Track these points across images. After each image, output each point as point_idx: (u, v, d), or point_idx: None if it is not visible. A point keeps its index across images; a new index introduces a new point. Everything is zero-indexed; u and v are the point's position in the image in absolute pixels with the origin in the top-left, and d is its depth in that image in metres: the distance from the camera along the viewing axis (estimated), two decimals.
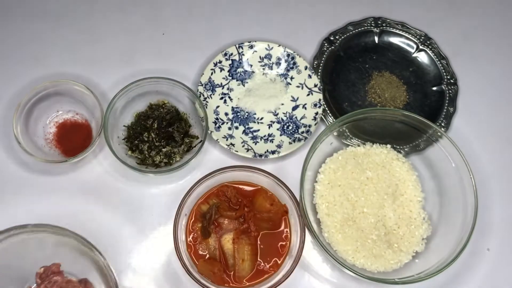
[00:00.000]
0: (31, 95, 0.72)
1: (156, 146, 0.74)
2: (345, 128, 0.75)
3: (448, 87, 0.83)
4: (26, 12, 0.87)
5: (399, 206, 0.70)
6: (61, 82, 0.74)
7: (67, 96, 0.76)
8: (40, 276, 0.53)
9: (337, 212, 0.69)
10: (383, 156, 0.74)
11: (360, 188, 0.71)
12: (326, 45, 0.85)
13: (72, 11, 0.87)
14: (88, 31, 0.86)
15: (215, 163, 0.76)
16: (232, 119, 0.80)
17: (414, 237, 0.69)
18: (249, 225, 0.68)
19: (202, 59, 0.84)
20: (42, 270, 0.54)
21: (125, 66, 0.83)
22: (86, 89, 0.73)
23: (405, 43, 0.87)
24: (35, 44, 0.84)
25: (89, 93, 0.73)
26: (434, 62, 0.85)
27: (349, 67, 0.85)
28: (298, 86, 0.81)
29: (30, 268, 0.54)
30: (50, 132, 0.76)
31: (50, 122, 0.77)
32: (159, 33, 0.87)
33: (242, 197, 0.71)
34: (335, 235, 0.68)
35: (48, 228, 0.51)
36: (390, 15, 0.88)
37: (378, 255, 0.67)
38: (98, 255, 0.51)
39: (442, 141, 0.71)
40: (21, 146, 0.69)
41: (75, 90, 0.74)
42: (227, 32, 0.87)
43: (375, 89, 0.83)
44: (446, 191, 0.72)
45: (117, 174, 0.75)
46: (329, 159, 0.74)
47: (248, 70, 0.83)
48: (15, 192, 0.73)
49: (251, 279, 0.67)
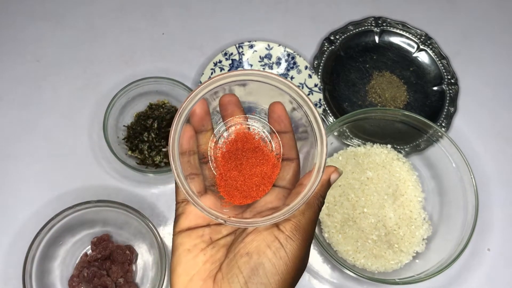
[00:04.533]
0: None
1: (156, 146, 0.74)
2: (346, 128, 0.74)
3: (449, 87, 0.83)
4: (26, 12, 0.87)
5: (399, 206, 0.70)
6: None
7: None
8: (94, 243, 0.67)
9: (337, 212, 0.69)
10: (383, 156, 0.74)
11: (360, 188, 0.71)
12: (326, 45, 0.85)
13: (72, 11, 0.87)
14: (88, 31, 0.86)
15: None
16: None
17: (415, 237, 0.69)
18: None
19: (202, 59, 0.84)
20: (95, 239, 0.67)
21: (125, 66, 0.83)
22: None
23: (405, 43, 0.87)
24: (35, 44, 0.84)
25: None
26: (435, 62, 0.85)
27: (350, 67, 0.85)
28: (298, 86, 0.81)
29: (87, 238, 0.69)
30: None
31: None
32: (159, 33, 0.87)
33: None
34: (335, 236, 0.68)
35: (106, 203, 0.65)
36: (391, 14, 0.88)
37: (378, 255, 0.67)
38: (146, 221, 0.64)
39: (442, 141, 0.71)
40: None
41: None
42: (227, 32, 0.87)
43: (375, 89, 0.83)
44: (446, 191, 0.72)
45: (117, 174, 0.75)
46: (329, 159, 0.74)
47: None
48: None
49: None
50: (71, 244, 0.68)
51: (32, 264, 0.62)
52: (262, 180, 0.40)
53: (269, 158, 0.41)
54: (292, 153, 0.41)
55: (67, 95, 0.80)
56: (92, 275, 0.64)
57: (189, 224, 0.39)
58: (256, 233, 0.36)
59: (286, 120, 0.41)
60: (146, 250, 0.69)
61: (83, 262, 0.67)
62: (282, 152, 0.42)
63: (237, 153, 0.41)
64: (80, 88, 0.81)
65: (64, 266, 0.67)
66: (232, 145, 0.41)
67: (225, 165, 0.41)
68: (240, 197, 0.40)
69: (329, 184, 0.40)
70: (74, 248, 0.69)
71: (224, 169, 0.41)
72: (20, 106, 0.79)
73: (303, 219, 0.37)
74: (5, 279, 0.68)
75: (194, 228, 0.38)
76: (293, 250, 0.36)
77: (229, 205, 0.39)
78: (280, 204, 0.39)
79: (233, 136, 0.42)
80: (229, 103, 0.42)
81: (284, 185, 0.40)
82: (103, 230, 0.70)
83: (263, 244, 0.36)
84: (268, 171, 0.40)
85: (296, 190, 0.38)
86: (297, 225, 0.37)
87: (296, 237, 0.36)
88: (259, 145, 0.42)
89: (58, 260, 0.67)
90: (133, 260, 0.68)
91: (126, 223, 0.69)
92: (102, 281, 0.64)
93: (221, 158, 0.41)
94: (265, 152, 0.41)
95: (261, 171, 0.40)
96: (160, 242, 0.64)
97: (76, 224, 0.67)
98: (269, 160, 0.41)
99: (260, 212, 0.38)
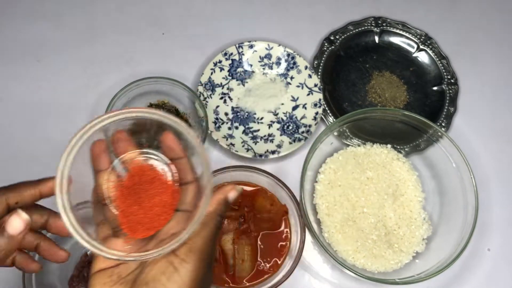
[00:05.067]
0: None
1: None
2: (346, 128, 0.74)
3: (449, 87, 0.83)
4: (26, 11, 0.87)
5: (399, 206, 0.70)
6: None
7: None
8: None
9: (337, 212, 0.69)
10: (383, 156, 0.74)
11: (360, 188, 0.71)
12: (326, 44, 0.85)
13: (72, 11, 0.87)
14: (88, 31, 0.86)
15: (215, 163, 0.76)
16: (232, 119, 0.80)
17: (415, 237, 0.69)
18: (249, 225, 0.68)
19: (202, 59, 0.84)
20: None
21: (125, 66, 0.83)
22: None
23: (405, 42, 0.87)
24: (35, 44, 0.84)
25: None
26: (435, 62, 0.85)
27: (350, 67, 0.85)
28: (298, 86, 0.81)
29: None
30: None
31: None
32: (159, 33, 0.87)
33: (242, 197, 0.70)
34: (335, 235, 0.68)
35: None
36: (391, 14, 0.88)
37: (378, 255, 0.67)
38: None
39: (442, 141, 0.71)
40: None
41: None
42: (227, 32, 0.87)
43: (375, 89, 0.83)
44: (446, 191, 0.72)
45: None
46: (329, 159, 0.74)
47: (248, 70, 0.83)
48: None
49: (251, 279, 0.67)
50: (72, 244, 0.68)
51: None
52: (163, 209, 0.40)
53: (168, 186, 0.41)
54: (189, 176, 0.41)
55: (67, 95, 0.80)
56: None
57: (100, 266, 0.39)
58: (154, 261, 0.37)
59: (176, 147, 0.41)
60: None
61: (83, 262, 0.67)
62: (179, 177, 0.42)
63: (135, 187, 0.41)
64: (80, 88, 0.81)
65: (64, 266, 0.67)
66: (129, 181, 0.41)
67: (125, 201, 0.41)
68: (144, 230, 0.40)
69: (227, 202, 0.41)
70: (74, 248, 0.68)
71: (124, 205, 0.41)
72: (20, 106, 0.79)
73: (199, 240, 0.38)
74: (5, 279, 0.68)
75: (105, 269, 0.39)
76: (188, 272, 0.36)
77: (132, 240, 0.40)
78: (181, 228, 0.39)
79: (129, 171, 0.42)
80: (119, 140, 0.42)
81: (186, 209, 0.40)
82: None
83: (158, 271, 0.36)
84: (168, 199, 0.40)
85: (193, 212, 0.39)
86: (191, 246, 0.37)
87: (191, 258, 0.36)
88: (156, 175, 0.42)
89: None
90: None
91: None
92: None
93: (120, 196, 0.41)
94: (163, 181, 0.41)
95: (160, 200, 0.40)
96: None
97: None
98: (168, 188, 0.41)
99: (163, 239, 0.39)
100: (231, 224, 0.69)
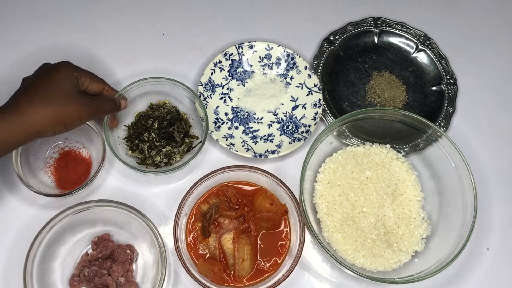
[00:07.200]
0: None
1: (156, 146, 0.74)
2: (345, 128, 0.75)
3: (448, 87, 0.84)
4: (26, 12, 0.87)
5: (398, 206, 0.70)
6: None
7: None
8: (95, 243, 0.68)
9: (337, 211, 0.69)
10: (382, 155, 0.74)
11: (359, 187, 0.71)
12: (326, 45, 0.85)
13: (72, 11, 0.87)
14: (88, 31, 0.86)
15: (215, 163, 0.76)
16: (232, 119, 0.80)
17: (414, 236, 0.69)
18: (249, 224, 0.68)
19: (202, 59, 0.85)
20: (96, 238, 0.68)
21: (125, 66, 0.83)
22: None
23: (404, 43, 0.87)
24: (35, 45, 0.84)
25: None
26: (434, 62, 0.85)
27: (349, 67, 0.85)
28: (298, 86, 0.82)
29: (88, 237, 0.70)
30: (52, 157, 0.75)
31: (55, 146, 0.75)
32: (159, 33, 0.87)
33: (242, 196, 0.71)
34: (335, 235, 0.68)
35: (107, 203, 0.67)
36: (390, 15, 0.89)
37: (377, 254, 0.68)
38: (147, 220, 0.66)
39: (441, 141, 0.72)
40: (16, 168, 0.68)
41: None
42: (227, 32, 0.87)
43: (374, 89, 0.84)
44: (445, 191, 0.72)
45: (117, 173, 0.75)
46: (329, 159, 0.74)
47: (248, 70, 0.83)
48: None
49: (251, 278, 0.67)
50: (72, 244, 0.69)
51: (33, 263, 0.63)
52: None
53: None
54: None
55: None
56: (93, 275, 0.65)
57: None
58: None
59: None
60: (146, 250, 0.70)
61: (84, 262, 0.68)
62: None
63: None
64: None
65: (65, 265, 0.68)
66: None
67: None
68: None
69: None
70: (75, 248, 0.69)
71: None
72: None
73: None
74: (6, 278, 0.68)
75: None
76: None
77: None
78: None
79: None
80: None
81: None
82: (103, 229, 0.70)
83: None
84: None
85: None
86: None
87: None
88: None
89: (59, 259, 0.68)
90: (133, 259, 0.69)
91: (126, 223, 0.69)
92: (102, 280, 0.64)
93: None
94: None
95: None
96: (161, 241, 0.64)
97: (77, 223, 0.68)
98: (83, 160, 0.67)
99: None
100: (231, 223, 0.69)
